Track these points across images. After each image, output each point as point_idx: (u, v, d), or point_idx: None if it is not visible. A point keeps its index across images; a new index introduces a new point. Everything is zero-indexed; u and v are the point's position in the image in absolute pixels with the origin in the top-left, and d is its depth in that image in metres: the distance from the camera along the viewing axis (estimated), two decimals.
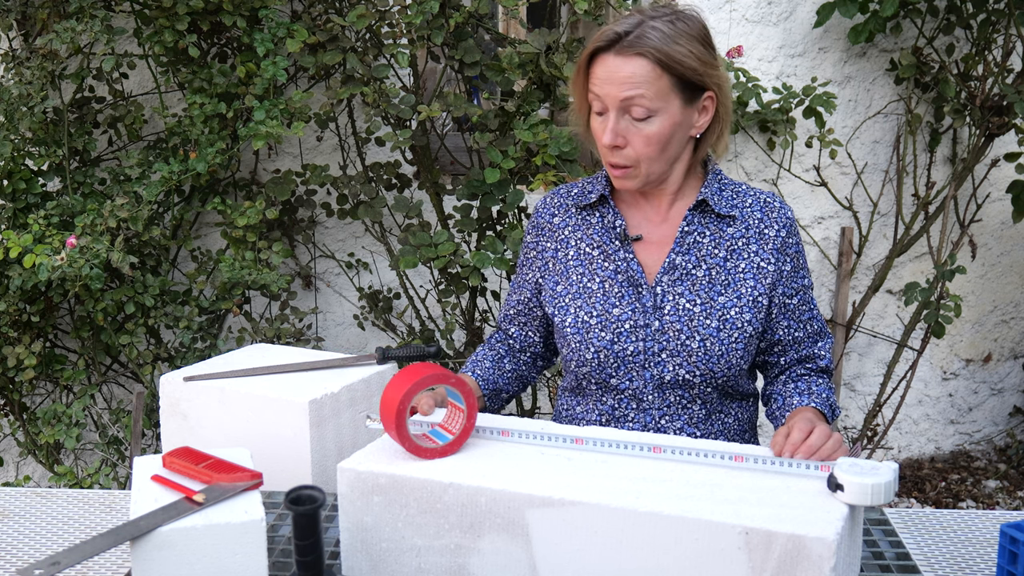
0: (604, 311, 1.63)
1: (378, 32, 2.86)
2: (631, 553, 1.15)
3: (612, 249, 1.66)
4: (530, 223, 1.78)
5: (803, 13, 3.33)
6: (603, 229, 1.68)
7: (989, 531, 1.49)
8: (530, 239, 1.77)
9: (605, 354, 1.62)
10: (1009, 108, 3.17)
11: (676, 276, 1.62)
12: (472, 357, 1.81)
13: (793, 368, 1.69)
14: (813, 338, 1.69)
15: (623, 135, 1.55)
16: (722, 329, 1.59)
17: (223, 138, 2.85)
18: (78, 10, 2.67)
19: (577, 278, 1.68)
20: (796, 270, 1.66)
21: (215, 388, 1.75)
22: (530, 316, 1.79)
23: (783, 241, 1.64)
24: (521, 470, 1.26)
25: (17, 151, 2.81)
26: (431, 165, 3.04)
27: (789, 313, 1.66)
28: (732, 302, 1.61)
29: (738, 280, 1.62)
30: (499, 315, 1.86)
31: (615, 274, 1.65)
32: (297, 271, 3.35)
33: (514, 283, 1.81)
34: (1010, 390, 3.78)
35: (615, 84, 1.52)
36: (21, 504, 1.62)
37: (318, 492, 1.12)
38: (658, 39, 1.52)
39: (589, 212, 1.70)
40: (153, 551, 1.15)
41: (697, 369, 1.60)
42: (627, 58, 1.51)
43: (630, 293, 1.63)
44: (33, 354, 2.79)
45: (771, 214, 1.65)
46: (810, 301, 1.69)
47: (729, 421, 1.69)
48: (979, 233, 3.57)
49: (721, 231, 1.64)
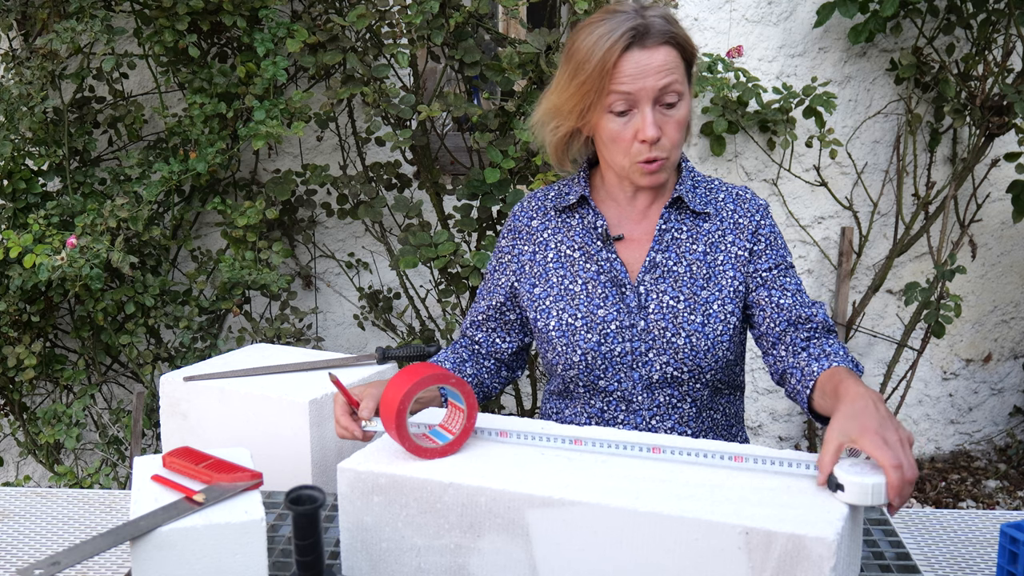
0: (589, 312, 1.62)
1: (378, 32, 2.86)
2: (631, 553, 1.15)
3: (594, 250, 1.65)
4: (505, 227, 1.76)
5: (803, 13, 3.33)
6: (583, 230, 1.67)
7: (989, 531, 1.49)
8: (505, 243, 1.75)
9: (593, 356, 1.61)
10: (1009, 108, 3.17)
11: (658, 274, 1.62)
12: (434, 358, 1.77)
13: (790, 336, 1.60)
14: (801, 303, 1.62)
15: (660, 126, 1.54)
16: (707, 323, 1.59)
17: (223, 138, 2.85)
18: (78, 10, 2.67)
19: (557, 280, 1.67)
20: (770, 247, 1.64)
21: (215, 388, 1.75)
22: (500, 321, 1.76)
23: (756, 224, 1.65)
24: (521, 470, 1.26)
25: (17, 151, 2.81)
26: (431, 165, 3.04)
27: (768, 283, 1.62)
28: (714, 295, 1.61)
29: (718, 273, 1.62)
30: (464, 322, 1.82)
31: (597, 275, 1.64)
32: (297, 271, 3.35)
33: (482, 289, 1.78)
34: (1010, 390, 3.78)
35: (650, 75, 1.51)
36: (21, 504, 1.62)
37: (318, 492, 1.12)
38: (666, 26, 1.53)
39: (568, 214, 1.70)
40: (153, 551, 1.15)
41: (685, 365, 1.59)
42: (653, 49, 1.51)
43: (614, 293, 1.62)
44: (33, 354, 2.79)
45: (744, 205, 1.66)
46: (792, 276, 1.64)
47: (718, 417, 1.68)
48: (979, 233, 3.57)
49: (698, 227, 1.65)
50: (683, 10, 3.26)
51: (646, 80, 1.51)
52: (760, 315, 1.63)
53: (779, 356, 1.62)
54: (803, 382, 1.53)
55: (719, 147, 3.30)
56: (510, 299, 1.74)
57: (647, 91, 1.52)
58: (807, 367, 1.53)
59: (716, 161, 3.37)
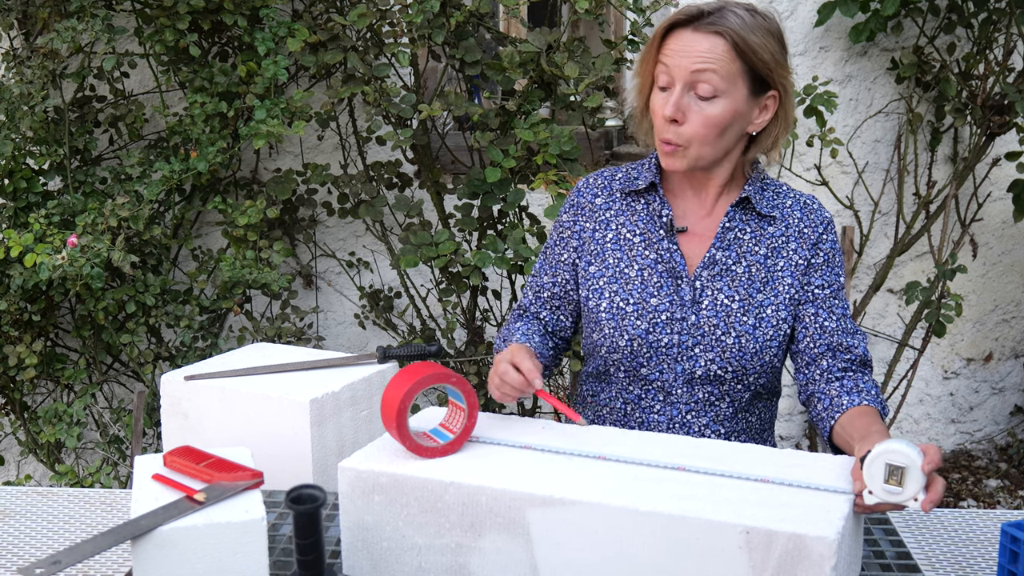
0: (641, 299, 1.61)
1: (379, 31, 2.86)
2: (631, 553, 1.15)
3: (656, 238, 1.64)
4: (568, 202, 1.73)
5: (804, 12, 3.32)
6: (648, 217, 1.66)
7: (990, 530, 1.49)
8: (566, 218, 1.72)
9: (639, 343, 1.60)
10: (1010, 107, 3.17)
11: (716, 271, 1.61)
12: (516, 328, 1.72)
13: (828, 361, 1.60)
14: (844, 330, 1.62)
15: (683, 111, 1.53)
16: (758, 327, 1.59)
17: (224, 137, 2.85)
18: (79, 9, 2.67)
19: (614, 262, 1.65)
20: (828, 264, 1.64)
21: (216, 387, 1.75)
22: (565, 300, 1.73)
23: (819, 236, 1.64)
24: (522, 470, 1.26)
25: (18, 150, 2.81)
26: (432, 164, 3.04)
27: (818, 302, 1.62)
28: (769, 300, 1.60)
29: (776, 278, 1.62)
30: (524, 300, 1.78)
31: (655, 263, 1.63)
32: (298, 270, 3.35)
33: (543, 264, 1.75)
34: (1011, 389, 3.77)
35: (688, 56, 1.51)
36: (22, 503, 1.62)
37: (319, 491, 1.12)
38: (738, 24, 1.52)
39: (634, 198, 1.68)
40: (154, 550, 1.15)
41: (729, 365, 1.59)
42: (705, 34, 1.52)
43: (669, 284, 1.61)
44: (34, 353, 2.79)
45: (810, 215, 1.65)
46: (841, 299, 1.65)
47: (752, 420, 1.67)
48: (980, 232, 3.57)
49: (762, 229, 1.64)
50: None
51: (683, 59, 1.51)
52: (802, 332, 1.63)
53: (811, 377, 1.63)
54: (829, 411, 1.55)
55: None
56: (574, 276, 1.71)
57: (681, 70, 1.52)
58: (837, 398, 1.55)
59: None
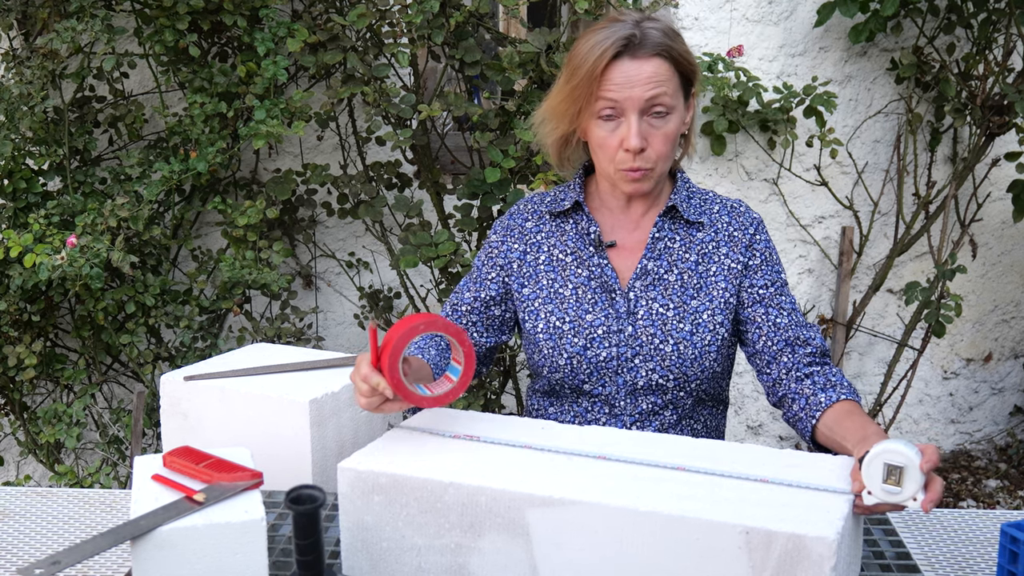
0: (577, 316, 1.63)
1: (378, 31, 2.86)
2: (631, 553, 1.15)
3: (587, 255, 1.66)
4: (499, 224, 1.75)
5: (803, 12, 3.33)
6: (577, 235, 1.68)
7: (990, 530, 1.49)
8: (495, 239, 1.74)
9: (578, 360, 1.62)
10: (1010, 107, 3.17)
11: (649, 281, 1.63)
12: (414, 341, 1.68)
13: (788, 357, 1.60)
14: (798, 323, 1.62)
15: (645, 136, 1.55)
16: (695, 332, 1.60)
17: (223, 137, 2.85)
18: (78, 9, 2.67)
19: (548, 283, 1.67)
20: (766, 263, 1.65)
21: (215, 387, 1.75)
22: (483, 315, 1.73)
23: (751, 238, 1.65)
24: (521, 470, 1.26)
25: (18, 150, 2.81)
26: (431, 164, 3.04)
27: (765, 300, 1.62)
28: (704, 305, 1.61)
29: (710, 283, 1.63)
30: (441, 312, 1.77)
31: (588, 280, 1.64)
32: (297, 270, 3.35)
33: (468, 281, 1.76)
34: (1011, 389, 3.78)
35: (638, 85, 1.52)
36: (21, 503, 1.62)
37: (318, 491, 1.12)
38: (663, 38, 1.53)
39: (563, 219, 1.70)
40: (153, 550, 1.15)
41: (671, 373, 1.60)
42: (645, 59, 1.52)
43: (603, 299, 1.63)
44: (34, 353, 2.79)
45: (739, 218, 1.67)
46: (787, 294, 1.65)
47: (698, 428, 1.68)
48: (980, 232, 3.57)
49: (691, 236, 1.65)
50: (683, 10, 3.26)
51: (633, 90, 1.52)
52: (755, 333, 1.63)
53: (777, 377, 1.62)
54: (808, 411, 1.55)
55: (719, 147, 3.30)
56: (500, 295, 1.73)
57: (633, 101, 1.52)
58: (813, 396, 1.55)
59: (716, 161, 3.37)
